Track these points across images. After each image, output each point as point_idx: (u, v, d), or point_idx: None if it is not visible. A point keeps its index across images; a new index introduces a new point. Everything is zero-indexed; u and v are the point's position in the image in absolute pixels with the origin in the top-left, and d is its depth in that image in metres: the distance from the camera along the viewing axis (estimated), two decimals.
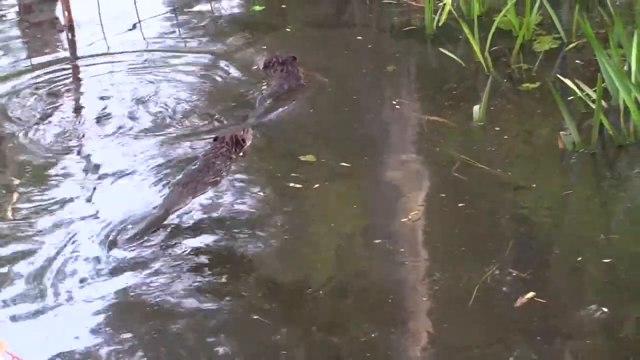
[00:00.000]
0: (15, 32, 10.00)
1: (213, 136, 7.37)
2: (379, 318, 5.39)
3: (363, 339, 5.24)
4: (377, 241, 6.06)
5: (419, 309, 5.49)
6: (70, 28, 9.62)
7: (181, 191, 6.70)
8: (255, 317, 5.45)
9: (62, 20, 9.83)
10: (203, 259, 5.99)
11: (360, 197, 6.64)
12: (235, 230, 6.25)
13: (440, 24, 9.11)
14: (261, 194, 6.69)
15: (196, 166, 7.02)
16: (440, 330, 5.30)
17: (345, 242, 6.13)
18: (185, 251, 6.05)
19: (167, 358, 5.21)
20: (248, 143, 7.34)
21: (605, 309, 5.27)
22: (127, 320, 5.51)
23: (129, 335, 5.39)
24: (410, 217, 6.29)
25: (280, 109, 7.87)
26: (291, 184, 6.71)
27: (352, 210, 6.49)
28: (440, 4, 9.24)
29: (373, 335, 5.26)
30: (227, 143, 7.21)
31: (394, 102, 7.87)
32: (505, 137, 7.17)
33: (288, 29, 9.57)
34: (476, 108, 7.35)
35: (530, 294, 5.42)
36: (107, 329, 5.45)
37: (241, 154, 7.26)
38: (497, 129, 7.26)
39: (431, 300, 5.54)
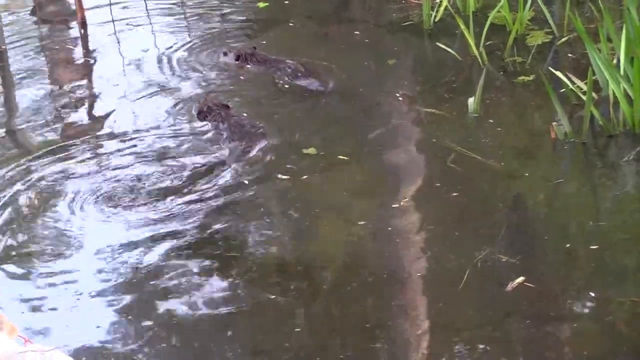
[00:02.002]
0: (31, 28, 10.05)
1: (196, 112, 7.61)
2: (376, 296, 5.52)
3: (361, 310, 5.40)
4: (371, 225, 6.14)
5: (413, 289, 5.57)
6: (83, 24, 9.68)
7: (241, 144, 6.97)
8: (271, 296, 5.56)
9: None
10: (212, 245, 6.06)
11: (356, 186, 6.67)
12: (241, 218, 6.32)
13: (437, 19, 9.12)
14: (263, 185, 6.72)
15: (231, 129, 7.23)
16: (433, 310, 5.39)
17: (339, 226, 6.21)
18: (193, 237, 6.13)
19: (185, 340, 5.29)
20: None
21: (592, 293, 5.36)
22: (145, 307, 5.57)
23: (148, 322, 5.44)
24: (403, 203, 6.34)
25: (322, 79, 8.19)
26: (289, 176, 6.76)
27: (345, 198, 6.51)
28: (437, 0, 9.23)
29: (370, 309, 5.41)
30: (219, 108, 7.44)
31: (398, 95, 7.91)
32: (499, 128, 7.23)
33: (291, 24, 9.57)
34: (471, 100, 7.41)
35: (520, 279, 5.47)
36: (125, 315, 5.50)
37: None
38: (491, 120, 7.31)
39: (424, 281, 5.62)
